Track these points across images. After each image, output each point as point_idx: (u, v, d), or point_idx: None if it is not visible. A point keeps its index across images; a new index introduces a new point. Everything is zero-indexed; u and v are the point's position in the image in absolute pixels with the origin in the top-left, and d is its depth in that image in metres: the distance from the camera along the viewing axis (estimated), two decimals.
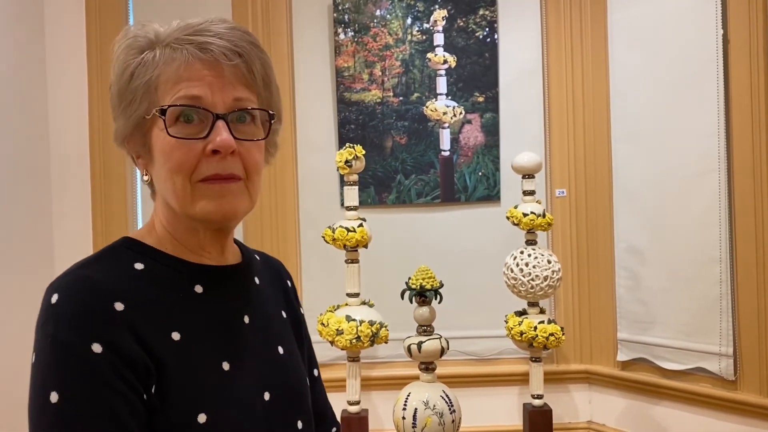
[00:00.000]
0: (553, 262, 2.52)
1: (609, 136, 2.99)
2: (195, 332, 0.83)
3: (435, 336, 1.87)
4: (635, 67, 2.87)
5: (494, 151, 3.06)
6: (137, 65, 0.82)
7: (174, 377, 0.79)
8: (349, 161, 2.38)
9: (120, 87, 0.84)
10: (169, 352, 0.79)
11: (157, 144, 0.83)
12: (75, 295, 0.77)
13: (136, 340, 0.77)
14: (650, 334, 2.85)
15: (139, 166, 0.87)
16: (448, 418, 1.81)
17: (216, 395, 0.81)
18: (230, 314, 0.89)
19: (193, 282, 0.86)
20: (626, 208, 2.93)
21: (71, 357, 0.73)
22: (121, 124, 0.85)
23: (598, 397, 3.08)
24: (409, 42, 3.07)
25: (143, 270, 0.84)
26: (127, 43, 0.84)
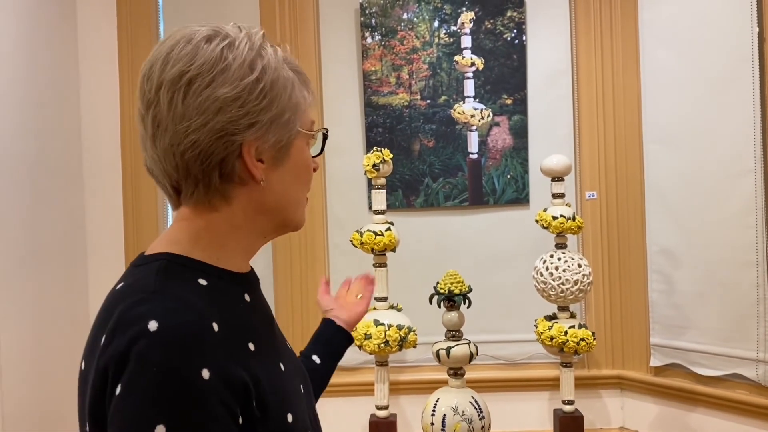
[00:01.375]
0: (583, 265, 2.48)
1: (640, 137, 2.94)
2: (260, 339, 0.86)
3: (464, 341, 1.85)
4: (667, 66, 2.82)
5: (523, 154, 3.03)
6: (293, 83, 0.87)
7: (264, 386, 0.80)
8: (377, 165, 2.37)
9: (283, 100, 0.85)
10: (253, 363, 0.80)
11: (301, 157, 0.90)
12: (177, 320, 0.74)
13: (233, 360, 0.76)
14: (684, 339, 2.79)
15: (258, 171, 0.85)
16: (477, 424, 1.78)
17: (290, 394, 0.87)
18: (268, 317, 0.94)
19: (243, 291, 0.89)
20: (658, 211, 2.88)
21: (183, 385, 0.71)
22: (277, 132, 0.85)
23: (630, 403, 3.02)
24: (437, 45, 3.05)
25: (208, 286, 0.82)
26: (281, 57, 0.88)
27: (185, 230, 0.87)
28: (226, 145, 0.82)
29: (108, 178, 2.95)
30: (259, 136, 0.84)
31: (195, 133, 0.81)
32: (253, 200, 0.87)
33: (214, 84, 0.81)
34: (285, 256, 3.08)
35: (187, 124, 0.81)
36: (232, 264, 0.88)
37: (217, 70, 0.81)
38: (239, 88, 0.82)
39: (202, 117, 0.81)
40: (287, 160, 0.88)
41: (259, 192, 0.87)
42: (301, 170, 0.91)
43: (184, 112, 0.81)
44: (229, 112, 0.81)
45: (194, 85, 0.81)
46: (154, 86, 0.82)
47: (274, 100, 0.84)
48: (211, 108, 0.81)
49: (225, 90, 0.81)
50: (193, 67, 0.81)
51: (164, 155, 0.83)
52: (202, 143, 0.81)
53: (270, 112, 0.84)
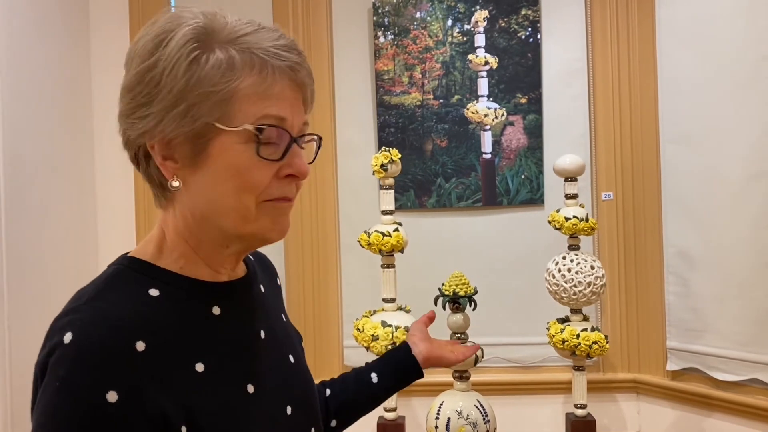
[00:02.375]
0: (596, 267, 2.44)
1: (657, 137, 2.89)
2: (218, 359, 0.78)
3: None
4: (685, 65, 2.76)
5: (537, 154, 2.99)
6: (208, 65, 0.73)
7: (204, 413, 0.74)
8: (385, 165, 2.35)
9: (179, 85, 0.72)
10: (194, 387, 0.74)
11: (225, 158, 0.75)
12: (92, 335, 0.69)
13: (156, 383, 0.70)
14: (702, 342, 2.73)
15: (167, 170, 0.75)
16: (482, 428, 1.75)
17: (246, 422, 0.78)
18: (248, 332, 0.85)
19: (211, 304, 0.80)
20: (676, 212, 2.82)
21: (82, 406, 0.66)
22: (171, 124, 0.73)
23: (646, 407, 2.97)
24: (450, 44, 3.02)
25: (159, 297, 0.76)
26: (186, 34, 0.74)
27: (155, 234, 0.83)
28: (129, 137, 0.77)
29: (120, 178, 2.96)
30: (157, 131, 0.74)
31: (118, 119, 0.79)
32: (184, 205, 0.78)
33: (126, 70, 0.78)
34: (297, 257, 3.07)
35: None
36: (199, 272, 0.81)
37: (132, 54, 0.77)
38: (134, 75, 0.75)
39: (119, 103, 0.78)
40: (207, 161, 0.76)
41: (186, 196, 0.77)
42: (225, 174, 0.76)
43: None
44: (123, 102, 0.77)
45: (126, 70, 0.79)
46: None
47: (165, 87, 0.73)
48: (119, 96, 0.78)
49: (126, 77, 0.77)
50: (130, 51, 0.79)
51: None
52: (120, 131, 0.80)
53: (163, 101, 0.73)
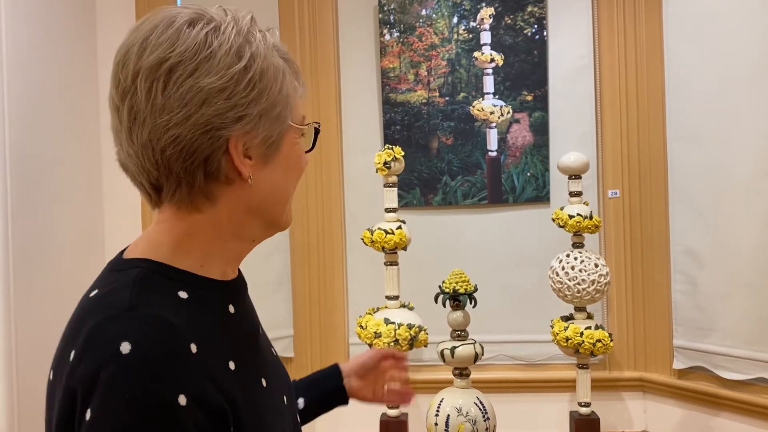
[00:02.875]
0: (600, 265, 2.43)
1: (664, 135, 2.87)
2: (242, 356, 0.80)
3: (469, 341, 1.82)
4: (692, 61, 2.74)
5: (543, 151, 2.98)
6: (284, 73, 0.80)
7: (242, 407, 0.75)
8: (388, 162, 2.35)
9: (274, 90, 0.78)
10: (232, 383, 0.75)
11: (292, 152, 0.84)
12: (152, 342, 0.68)
13: (212, 383, 0.71)
14: (709, 341, 2.72)
15: (246, 167, 0.78)
16: (481, 426, 1.76)
17: (269, 414, 0.82)
18: (253, 329, 0.88)
19: (227, 302, 0.82)
20: (683, 210, 2.80)
21: (157, 413, 0.66)
22: (266, 126, 0.78)
23: (653, 406, 2.96)
24: (456, 41, 3.02)
25: (189, 299, 0.76)
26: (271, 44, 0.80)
27: (167, 233, 0.80)
28: (211, 140, 0.75)
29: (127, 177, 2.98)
30: (247, 131, 0.77)
31: (177, 127, 0.73)
32: (240, 200, 0.80)
33: (198, 73, 0.73)
34: (303, 256, 3.08)
35: (167, 118, 0.73)
36: (216, 271, 0.82)
37: (201, 58, 0.74)
38: (226, 77, 0.74)
39: (184, 110, 0.73)
40: (277, 157, 0.81)
41: (246, 191, 0.79)
42: (291, 167, 0.85)
43: (164, 104, 0.73)
44: (215, 104, 0.74)
45: (175, 74, 0.73)
46: (131, 74, 0.75)
47: (263, 92, 0.77)
48: (194, 100, 0.73)
49: (210, 80, 0.73)
50: (174, 54, 0.73)
51: (142, 151, 0.76)
52: (184, 139, 0.74)
53: (259, 104, 0.77)
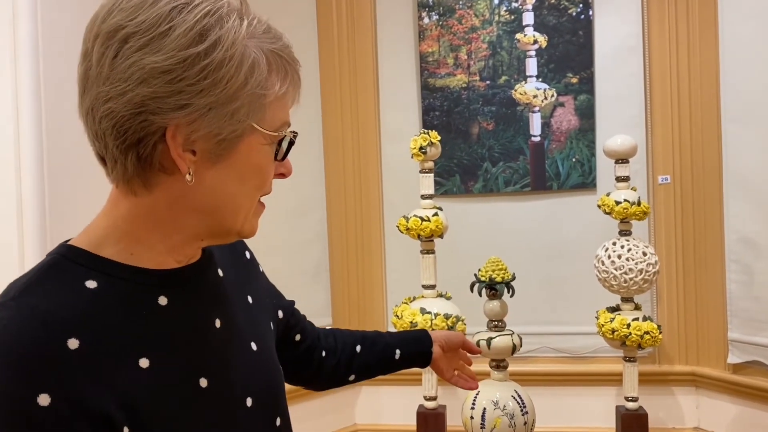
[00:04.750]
0: (649, 254, 2.31)
1: (719, 116, 2.72)
2: (165, 352, 0.73)
3: (507, 332, 1.75)
4: (749, 39, 2.58)
5: (589, 136, 2.86)
6: (256, 67, 0.72)
7: (150, 411, 0.70)
8: (424, 148, 2.28)
9: (237, 84, 0.70)
10: (138, 384, 0.70)
11: (252, 157, 0.75)
12: (18, 334, 0.64)
13: (94, 382, 0.66)
14: (765, 335, 2.57)
15: (184, 161, 0.71)
16: (519, 420, 1.68)
17: (198, 419, 0.75)
18: (201, 322, 0.80)
19: (156, 294, 0.76)
20: (738, 195, 2.65)
21: (12, 411, 0.62)
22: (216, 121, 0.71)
23: (706, 401, 2.82)
24: (497, 23, 2.92)
25: (97, 289, 0.71)
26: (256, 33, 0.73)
27: (105, 216, 0.76)
28: (143, 124, 0.69)
29: None
30: (190, 121, 0.70)
31: (112, 101, 0.69)
32: (180, 195, 0.74)
33: (147, 49, 0.68)
34: (341, 244, 3.04)
35: (107, 89, 0.69)
36: (150, 260, 0.76)
37: (156, 33, 0.68)
38: (174, 59, 0.68)
39: (123, 84, 0.68)
40: (230, 159, 0.73)
41: (188, 187, 0.73)
42: (249, 173, 0.75)
43: (108, 74, 0.69)
44: (154, 85, 0.68)
45: (126, 45, 0.68)
46: (92, 36, 0.70)
47: (219, 83, 0.69)
48: (134, 76, 0.68)
49: (156, 58, 0.67)
50: (132, 24, 0.68)
51: (86, 118, 0.72)
52: (117, 115, 0.69)
53: (211, 96, 0.69)
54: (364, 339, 1.19)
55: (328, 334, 1.17)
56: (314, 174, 2.96)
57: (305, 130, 2.94)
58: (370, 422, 3.06)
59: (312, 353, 1.12)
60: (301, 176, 2.92)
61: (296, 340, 1.09)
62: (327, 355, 1.13)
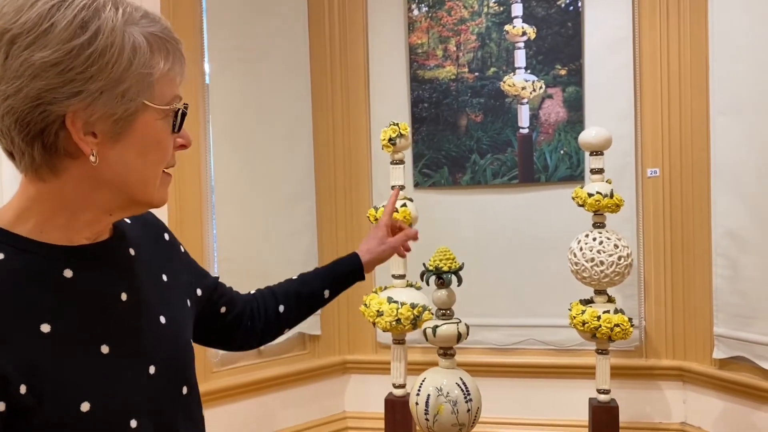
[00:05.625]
0: (621, 246, 2.31)
1: (708, 109, 2.67)
2: (67, 319, 0.80)
3: (453, 321, 1.77)
4: (739, 30, 2.53)
5: (578, 128, 2.84)
6: (137, 50, 0.79)
7: (48, 372, 0.76)
8: (393, 139, 2.31)
9: (121, 66, 0.77)
10: (39, 347, 0.76)
11: (149, 133, 0.82)
12: None
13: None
14: (751, 330, 2.53)
15: (87, 144, 0.78)
16: (462, 407, 1.71)
17: (96, 380, 0.81)
18: (104, 294, 0.86)
19: (62, 267, 0.83)
20: (726, 189, 2.61)
21: None
22: (108, 103, 0.78)
23: (693, 397, 2.79)
24: (486, 14, 2.92)
25: (3, 260, 0.78)
26: (114, 15, 0.78)
27: (17, 199, 0.83)
28: (43, 115, 0.76)
29: None
30: (85, 106, 0.77)
31: (11, 98, 0.76)
32: (86, 175, 0.81)
33: (34, 47, 0.74)
34: (330, 234, 3.08)
35: (4, 88, 0.75)
36: (57, 236, 0.83)
37: (39, 31, 0.74)
38: (61, 52, 0.74)
39: (18, 82, 0.75)
40: (128, 136, 0.81)
41: (92, 167, 0.80)
42: (148, 147, 0.83)
43: (2, 75, 0.75)
44: (46, 78, 0.75)
45: (15, 46, 0.75)
46: None
47: (105, 67, 0.76)
48: (26, 73, 0.75)
49: (43, 54, 0.74)
50: (16, 25, 0.74)
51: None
52: (17, 110, 0.76)
53: (99, 80, 0.76)
54: (287, 297, 1.28)
55: (253, 299, 1.26)
56: (304, 164, 3.01)
57: (296, 120, 3.00)
58: (359, 410, 3.11)
59: (240, 320, 1.21)
60: (291, 166, 2.98)
61: (222, 312, 1.18)
62: (253, 320, 1.23)
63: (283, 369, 2.94)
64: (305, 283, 1.31)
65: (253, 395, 2.84)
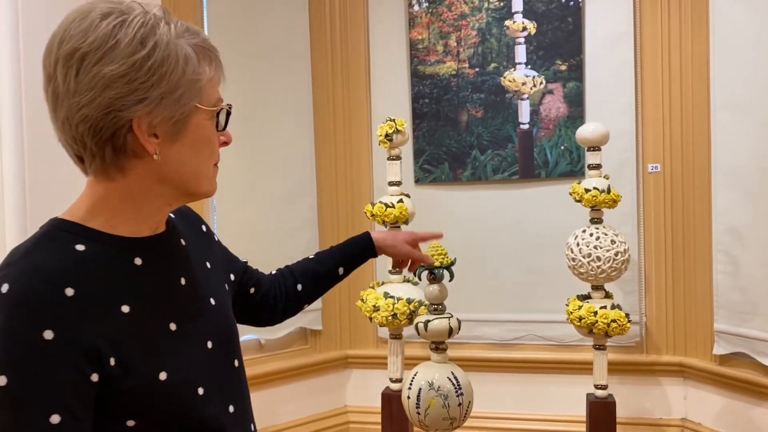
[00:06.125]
0: (618, 242, 2.30)
1: (708, 105, 2.66)
2: (142, 301, 0.91)
3: (445, 315, 1.78)
4: (740, 26, 2.52)
5: (578, 123, 2.83)
6: (188, 59, 0.90)
7: (131, 346, 0.87)
8: (390, 135, 2.32)
9: (176, 75, 0.89)
10: (121, 325, 0.87)
11: (201, 133, 0.94)
12: (27, 284, 0.82)
13: (87, 322, 0.84)
14: (751, 326, 2.52)
15: (151, 145, 0.90)
16: (453, 401, 1.71)
17: (170, 354, 0.92)
18: (168, 279, 0.98)
19: (132, 255, 0.94)
20: (727, 185, 2.60)
21: (23, 343, 0.80)
22: (168, 107, 0.89)
23: (694, 393, 2.79)
24: (486, 9, 2.92)
25: (85, 251, 0.89)
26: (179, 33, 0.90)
27: (87, 198, 0.94)
28: (114, 120, 0.87)
29: None
30: (149, 111, 0.88)
31: (85, 108, 0.86)
32: (149, 172, 0.92)
33: (103, 61, 0.85)
34: (331, 230, 3.10)
35: (78, 99, 0.86)
36: (126, 229, 0.94)
37: (106, 48, 0.85)
38: (127, 65, 0.85)
39: (91, 93, 0.85)
40: (184, 135, 0.92)
41: (155, 164, 0.91)
42: (200, 145, 0.95)
43: (76, 88, 0.86)
44: (116, 88, 0.86)
45: (85, 62, 0.85)
46: (52, 61, 0.87)
47: (164, 77, 0.88)
48: (98, 84, 0.85)
49: (112, 67, 0.85)
50: (84, 44, 0.85)
51: (62, 127, 0.89)
52: (91, 118, 0.86)
53: (160, 88, 0.88)
54: (304, 275, 1.40)
55: (275, 279, 1.38)
56: (305, 160, 3.03)
57: (296, 115, 3.01)
58: (360, 404, 3.13)
59: (267, 299, 1.34)
60: (292, 162, 3.00)
61: (251, 292, 1.31)
62: (276, 299, 1.35)
63: (284, 363, 2.96)
64: (321, 262, 1.42)
65: (254, 389, 2.81)
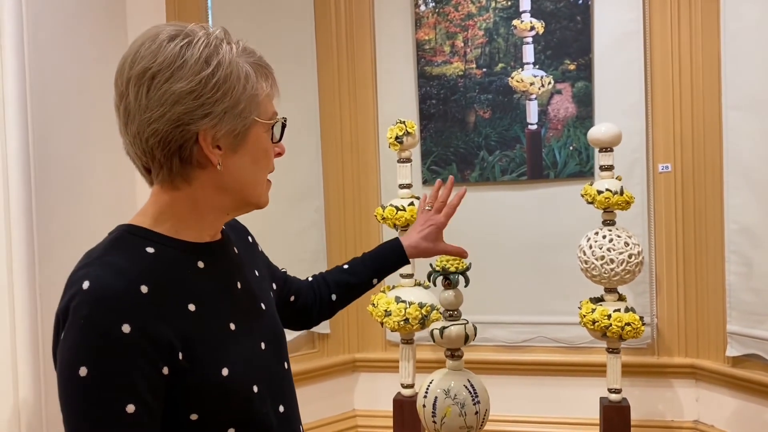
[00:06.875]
0: (632, 244, 2.28)
1: (720, 104, 2.63)
2: (206, 301, 0.98)
3: (461, 321, 1.75)
4: (752, 23, 2.49)
5: (587, 123, 2.81)
6: (248, 76, 0.97)
7: (197, 342, 0.94)
8: (400, 137, 2.29)
9: (237, 91, 0.96)
10: (189, 322, 0.94)
11: (260, 144, 1.01)
12: (105, 281, 0.88)
13: (160, 318, 0.90)
14: (764, 327, 2.50)
15: (215, 156, 0.96)
16: (470, 409, 1.69)
17: (231, 351, 0.98)
18: (227, 282, 1.05)
19: (196, 259, 1.01)
20: (739, 185, 2.58)
21: (103, 336, 0.86)
22: (230, 121, 0.95)
23: (706, 395, 2.76)
24: (493, 9, 2.89)
25: (155, 253, 0.96)
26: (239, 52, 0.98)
27: (153, 205, 1.01)
28: (182, 133, 0.94)
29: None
30: (213, 124, 0.94)
31: (156, 122, 0.93)
32: (212, 182, 0.99)
33: (172, 79, 0.92)
34: (338, 232, 3.07)
35: (149, 115, 0.93)
36: (190, 235, 1.01)
37: (175, 67, 0.92)
38: (194, 82, 0.93)
39: (161, 108, 0.92)
40: (244, 147, 0.99)
41: (217, 174, 0.98)
42: (259, 156, 1.02)
43: (147, 104, 0.93)
44: (185, 104, 0.93)
45: (155, 80, 0.92)
46: (125, 80, 0.94)
47: (227, 93, 0.94)
48: (168, 101, 0.92)
49: (181, 84, 0.92)
50: (155, 64, 0.92)
51: (133, 141, 0.96)
52: (161, 132, 0.93)
53: (223, 103, 0.94)
54: (339, 286, 1.46)
55: (310, 288, 1.45)
56: (312, 162, 3.00)
57: (303, 118, 2.98)
58: (369, 408, 3.11)
59: (305, 306, 1.41)
60: (299, 164, 2.97)
61: (291, 300, 1.38)
62: (312, 306, 1.43)
63: (292, 367, 2.91)
64: (355, 273, 1.47)
65: None
